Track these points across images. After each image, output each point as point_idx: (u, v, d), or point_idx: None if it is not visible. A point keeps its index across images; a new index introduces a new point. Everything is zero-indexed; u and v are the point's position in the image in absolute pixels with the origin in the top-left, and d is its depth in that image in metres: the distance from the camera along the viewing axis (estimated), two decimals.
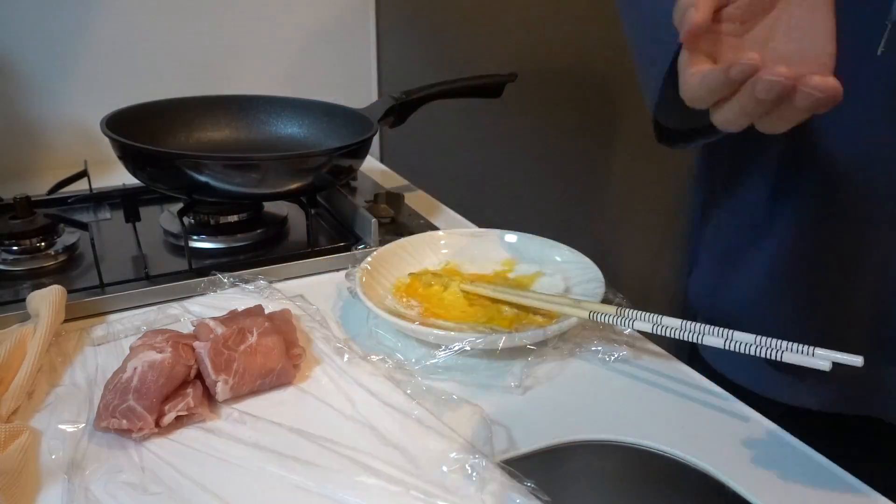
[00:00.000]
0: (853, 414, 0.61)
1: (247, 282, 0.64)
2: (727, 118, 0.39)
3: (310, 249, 0.72)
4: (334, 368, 0.53)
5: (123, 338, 0.57)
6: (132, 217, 0.73)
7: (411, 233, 0.73)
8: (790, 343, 0.45)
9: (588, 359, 0.56)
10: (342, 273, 0.69)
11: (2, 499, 0.40)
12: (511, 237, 0.71)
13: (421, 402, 0.49)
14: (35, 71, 0.94)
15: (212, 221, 0.74)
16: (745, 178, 0.61)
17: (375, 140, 0.93)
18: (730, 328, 0.47)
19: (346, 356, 0.54)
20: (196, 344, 0.50)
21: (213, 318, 0.53)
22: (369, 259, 0.64)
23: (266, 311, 0.56)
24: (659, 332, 0.52)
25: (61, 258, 0.68)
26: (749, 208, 0.61)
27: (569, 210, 1.56)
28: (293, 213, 0.80)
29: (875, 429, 0.61)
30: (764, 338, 0.46)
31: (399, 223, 0.80)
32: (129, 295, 0.62)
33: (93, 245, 0.63)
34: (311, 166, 0.69)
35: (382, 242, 0.69)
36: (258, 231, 0.75)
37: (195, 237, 0.72)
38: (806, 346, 0.45)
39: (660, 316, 0.52)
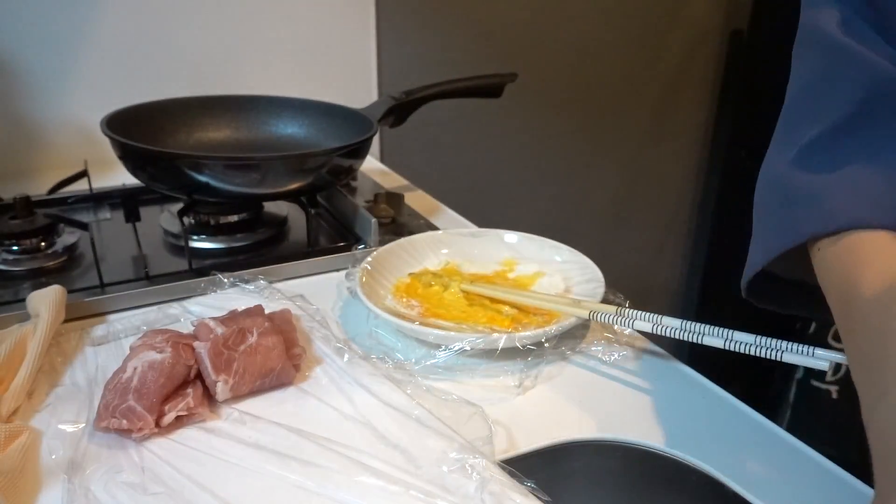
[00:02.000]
0: None
1: (247, 282, 0.64)
2: None
3: (310, 249, 0.72)
4: (334, 368, 0.53)
5: (123, 338, 0.57)
6: (132, 217, 0.74)
7: (411, 233, 0.73)
8: (790, 343, 0.45)
9: (588, 359, 0.56)
10: (342, 273, 0.69)
11: (2, 499, 0.40)
12: (511, 237, 0.71)
13: (421, 402, 0.49)
14: (35, 71, 0.94)
15: (212, 221, 0.74)
16: None
17: (375, 140, 0.93)
18: None
19: (346, 356, 0.54)
20: (196, 344, 0.50)
21: (213, 318, 0.53)
22: (369, 259, 0.64)
23: (266, 311, 0.56)
24: (659, 332, 0.52)
25: (61, 258, 0.68)
26: None
27: (569, 210, 1.56)
28: (293, 213, 0.80)
29: None
30: (764, 338, 0.46)
31: (399, 223, 0.80)
32: (129, 295, 0.62)
33: (93, 245, 0.63)
34: (311, 166, 0.69)
35: (382, 242, 0.69)
36: (258, 231, 0.75)
37: (195, 237, 0.72)
38: (806, 347, 0.45)
39: (660, 316, 0.52)
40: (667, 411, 0.50)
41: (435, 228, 0.78)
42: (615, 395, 0.52)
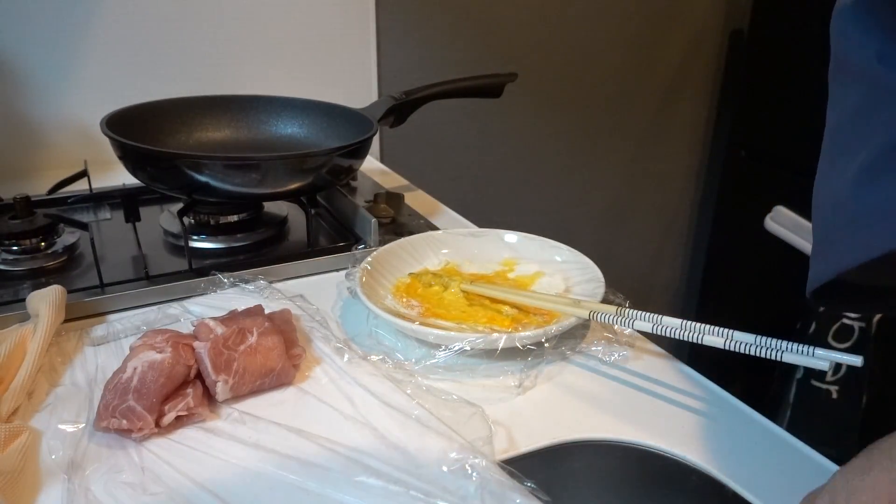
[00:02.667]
0: None
1: (247, 282, 0.64)
2: None
3: (310, 249, 0.72)
4: (334, 368, 0.53)
5: (123, 338, 0.57)
6: (132, 217, 0.73)
7: (411, 233, 0.73)
8: (790, 343, 0.45)
9: (588, 359, 0.56)
10: (342, 273, 0.69)
11: (2, 499, 0.40)
12: (511, 237, 0.71)
13: (421, 402, 0.49)
14: (35, 71, 0.94)
15: (212, 221, 0.74)
16: None
17: (375, 140, 0.93)
18: None
19: (346, 356, 0.54)
20: (196, 344, 0.50)
21: (213, 318, 0.53)
22: (369, 259, 0.64)
23: (266, 311, 0.56)
24: (659, 332, 0.52)
25: (61, 258, 0.68)
26: None
27: (569, 210, 1.56)
28: (293, 213, 0.80)
29: None
30: (764, 338, 0.46)
31: (399, 223, 0.80)
32: (129, 295, 0.62)
33: (93, 245, 0.63)
34: (311, 166, 0.69)
35: (382, 242, 0.69)
36: (258, 231, 0.75)
37: (195, 237, 0.72)
38: (806, 346, 0.45)
39: (660, 316, 0.52)
40: (667, 411, 0.50)
41: (435, 228, 0.78)
42: (615, 395, 0.52)
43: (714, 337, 0.48)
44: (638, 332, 0.56)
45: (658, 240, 1.74)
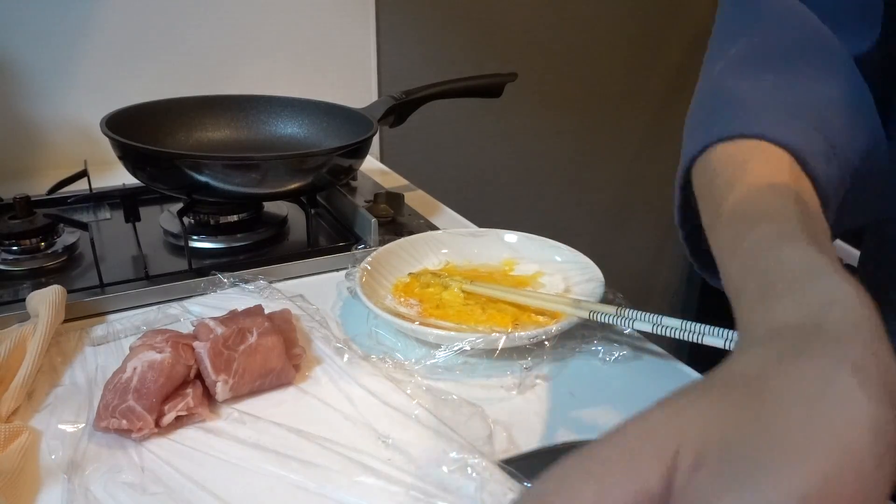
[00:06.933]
0: None
1: (247, 282, 0.64)
2: None
3: (310, 249, 0.72)
4: (334, 368, 0.53)
5: (123, 338, 0.57)
6: (132, 217, 0.74)
7: (411, 233, 0.73)
8: None
9: (588, 359, 0.56)
10: (342, 273, 0.69)
11: (2, 499, 0.40)
12: (511, 237, 0.70)
13: (421, 402, 0.49)
14: (35, 71, 0.94)
15: (212, 221, 0.74)
16: None
17: (375, 140, 0.93)
18: None
19: (346, 356, 0.54)
20: (196, 344, 0.50)
21: (213, 318, 0.53)
22: (369, 259, 0.64)
23: (266, 311, 0.56)
24: (659, 332, 0.52)
25: (61, 258, 0.68)
26: None
27: (569, 210, 1.56)
28: (293, 213, 0.80)
29: None
30: None
31: (399, 223, 0.80)
32: (129, 295, 0.62)
33: (93, 245, 0.63)
34: (311, 166, 0.69)
35: (382, 242, 0.69)
36: (258, 231, 0.75)
37: (195, 237, 0.72)
38: None
39: (660, 316, 0.52)
40: None
41: (435, 228, 0.78)
42: (615, 395, 0.52)
43: (714, 337, 0.48)
44: (638, 332, 0.56)
45: (658, 240, 1.74)
